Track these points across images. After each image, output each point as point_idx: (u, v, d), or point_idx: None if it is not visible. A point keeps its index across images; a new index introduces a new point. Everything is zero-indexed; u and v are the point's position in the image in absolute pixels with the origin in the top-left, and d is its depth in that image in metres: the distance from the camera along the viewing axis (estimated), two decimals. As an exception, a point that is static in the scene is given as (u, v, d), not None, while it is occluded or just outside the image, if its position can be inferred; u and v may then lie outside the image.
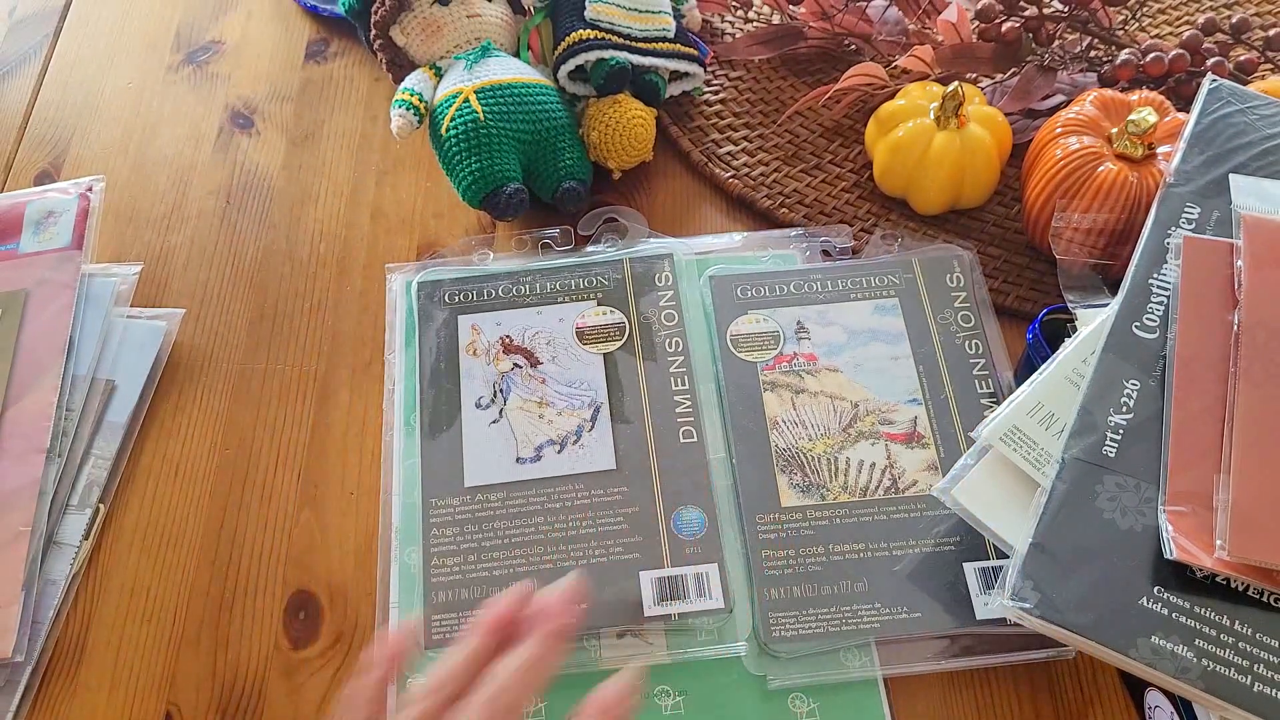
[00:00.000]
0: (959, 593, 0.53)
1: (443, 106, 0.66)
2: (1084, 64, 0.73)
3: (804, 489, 0.57)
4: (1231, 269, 0.51)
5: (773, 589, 0.54)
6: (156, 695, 0.54)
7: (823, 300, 0.63)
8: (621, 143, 0.69)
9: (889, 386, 0.60)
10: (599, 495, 0.56)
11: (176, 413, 0.64)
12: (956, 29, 0.72)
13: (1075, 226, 0.60)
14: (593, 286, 0.64)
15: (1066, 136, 0.62)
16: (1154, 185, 0.59)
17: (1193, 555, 0.44)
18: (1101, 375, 0.50)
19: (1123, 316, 0.51)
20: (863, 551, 0.55)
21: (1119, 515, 0.47)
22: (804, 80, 0.78)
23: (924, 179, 0.66)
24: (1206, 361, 0.49)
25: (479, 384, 0.61)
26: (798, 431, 0.58)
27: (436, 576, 0.54)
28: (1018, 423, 0.51)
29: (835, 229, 0.68)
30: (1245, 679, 0.43)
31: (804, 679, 0.52)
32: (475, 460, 0.58)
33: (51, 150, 0.77)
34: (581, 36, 0.68)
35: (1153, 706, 0.50)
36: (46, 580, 0.57)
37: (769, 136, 0.74)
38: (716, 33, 0.81)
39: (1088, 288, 0.58)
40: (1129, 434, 0.48)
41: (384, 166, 0.75)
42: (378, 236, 0.71)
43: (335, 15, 0.82)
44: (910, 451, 0.58)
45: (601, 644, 0.53)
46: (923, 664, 0.52)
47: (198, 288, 0.69)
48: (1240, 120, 0.57)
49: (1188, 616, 0.44)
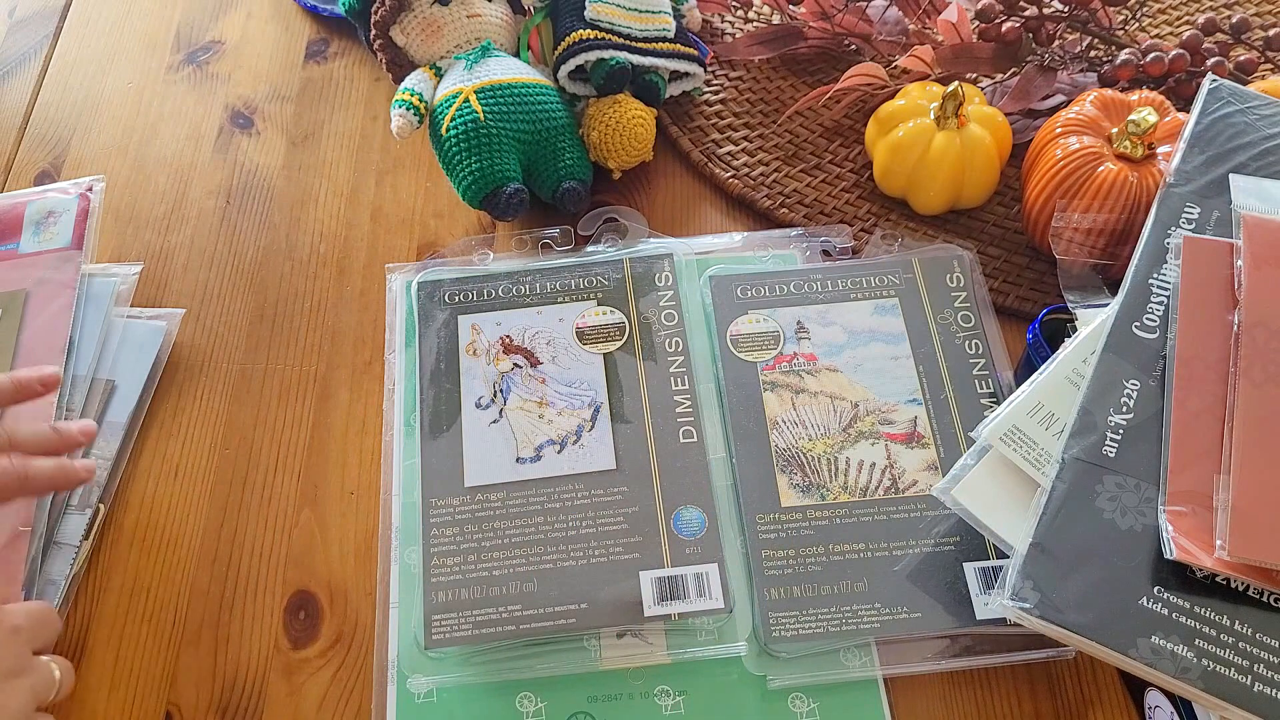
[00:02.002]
0: (959, 593, 0.53)
1: (443, 106, 0.66)
2: (1084, 64, 0.73)
3: (804, 489, 0.57)
4: (1231, 269, 0.51)
5: (773, 589, 0.54)
6: (156, 695, 0.54)
7: (823, 300, 0.63)
8: (621, 143, 0.69)
9: (889, 386, 0.60)
10: (599, 495, 0.56)
11: (176, 413, 0.64)
12: (956, 29, 0.72)
13: (1075, 226, 0.60)
14: (593, 286, 0.64)
15: (1066, 136, 0.62)
16: (1154, 185, 0.59)
17: (1193, 555, 0.44)
18: (1101, 375, 0.50)
19: (1123, 316, 0.51)
20: (863, 551, 0.55)
21: (1119, 515, 0.47)
22: (804, 80, 0.78)
23: (924, 179, 0.66)
24: (1206, 361, 0.49)
25: (479, 384, 0.61)
26: (798, 431, 0.58)
27: (436, 576, 0.54)
28: (1018, 423, 0.51)
29: (835, 229, 0.68)
30: (1245, 679, 0.43)
31: (804, 679, 0.52)
32: (475, 460, 0.58)
33: (51, 150, 0.77)
34: (581, 36, 0.68)
35: (1153, 706, 0.50)
36: (46, 580, 0.56)
37: (769, 136, 0.74)
38: (716, 33, 0.81)
39: (1088, 288, 0.58)
40: (1129, 434, 0.48)
41: (384, 166, 0.75)
42: (378, 236, 0.71)
43: (335, 15, 0.82)
44: (910, 451, 0.58)
45: (601, 644, 0.53)
46: (923, 664, 0.52)
47: (198, 288, 0.69)
48: (1240, 120, 0.57)
49: (1188, 616, 0.44)
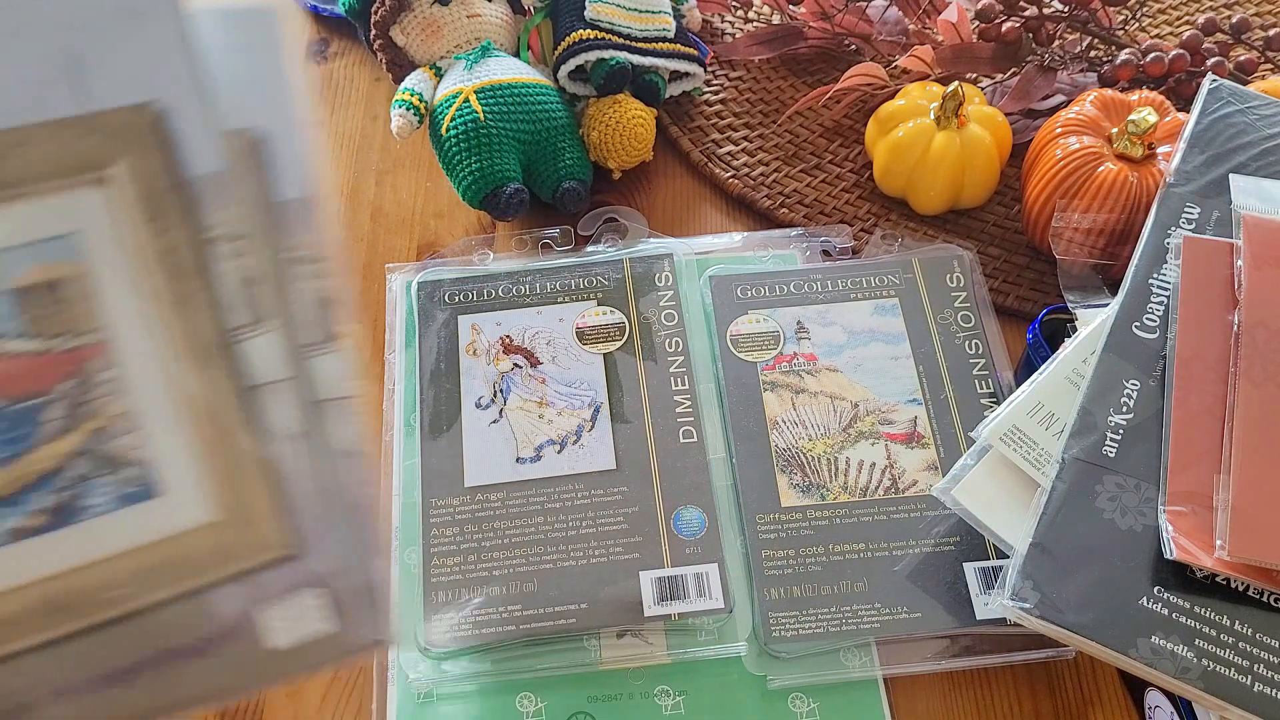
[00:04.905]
0: (959, 593, 0.53)
1: (443, 106, 0.66)
2: (1084, 64, 0.73)
3: (804, 489, 0.57)
4: (1231, 269, 0.51)
5: (773, 589, 0.54)
6: (156, 695, 0.54)
7: (823, 300, 0.63)
8: (621, 143, 0.69)
9: (889, 386, 0.60)
10: (599, 495, 0.56)
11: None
12: (956, 29, 0.72)
13: (1075, 226, 0.60)
14: (593, 286, 0.64)
15: (1066, 136, 0.62)
16: (1154, 185, 0.59)
17: (1193, 555, 0.44)
18: (1101, 375, 0.50)
19: (1123, 316, 0.51)
20: (863, 551, 0.55)
21: (1119, 515, 0.47)
22: (804, 80, 0.78)
23: (924, 179, 0.66)
24: (1206, 361, 0.49)
25: (479, 384, 0.61)
26: (798, 431, 0.58)
27: (436, 576, 0.54)
28: (1018, 423, 0.51)
29: (835, 229, 0.68)
30: (1245, 679, 0.43)
31: (804, 679, 0.52)
32: (475, 460, 0.58)
33: (51, 150, 0.77)
34: (581, 36, 0.68)
35: (1153, 706, 0.50)
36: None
37: (769, 136, 0.74)
38: (716, 33, 0.81)
39: (1088, 288, 0.58)
40: (1129, 434, 0.48)
41: (384, 166, 0.75)
42: (378, 236, 0.71)
43: (335, 15, 0.82)
44: (910, 451, 0.58)
45: (601, 644, 0.53)
46: (923, 664, 0.52)
47: (198, 288, 0.69)
48: (1240, 120, 0.57)
49: (1188, 616, 0.44)
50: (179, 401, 0.37)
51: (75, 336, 0.36)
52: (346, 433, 0.39)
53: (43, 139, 0.34)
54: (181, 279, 0.36)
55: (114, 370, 0.36)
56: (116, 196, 0.35)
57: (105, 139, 0.35)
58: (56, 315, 0.35)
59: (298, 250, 0.38)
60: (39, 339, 0.35)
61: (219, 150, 0.36)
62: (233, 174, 0.36)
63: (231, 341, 0.37)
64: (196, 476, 0.37)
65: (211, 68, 0.36)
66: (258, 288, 0.37)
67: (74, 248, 0.35)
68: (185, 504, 0.38)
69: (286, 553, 0.39)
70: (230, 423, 0.37)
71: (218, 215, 0.36)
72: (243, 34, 0.37)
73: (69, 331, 0.36)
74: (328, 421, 0.39)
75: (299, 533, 0.39)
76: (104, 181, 0.35)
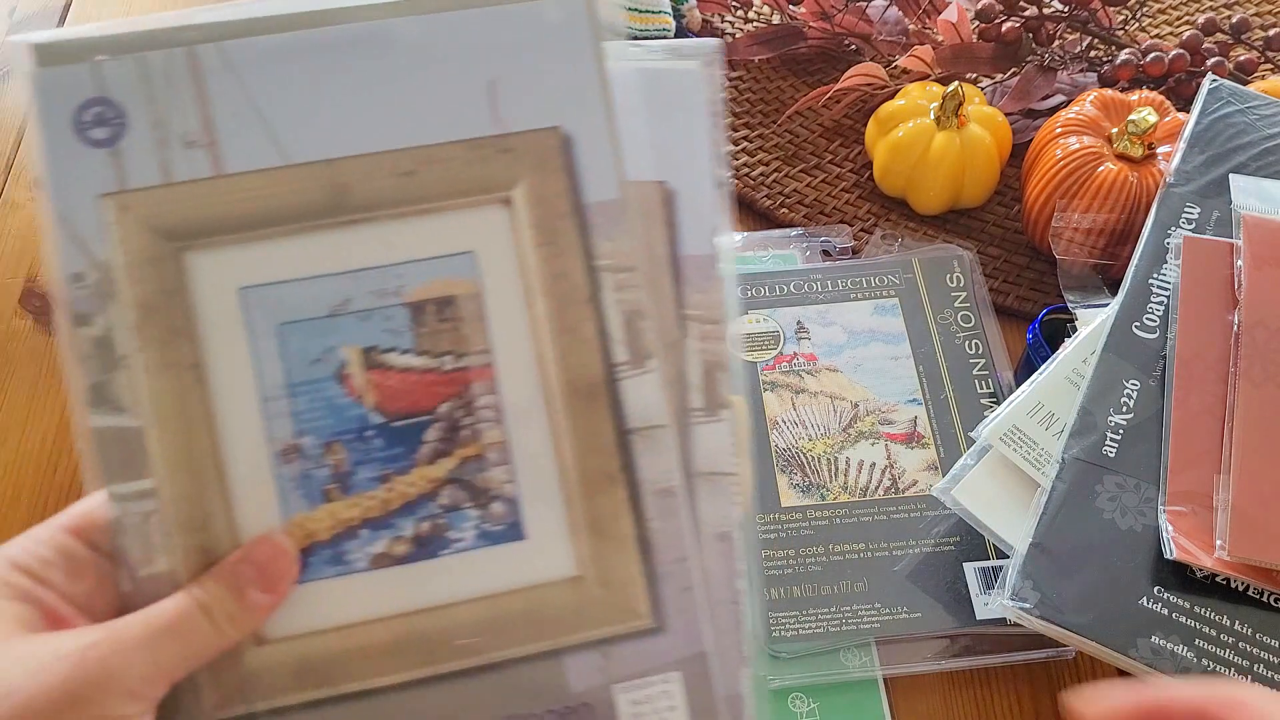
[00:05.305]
0: (959, 593, 0.53)
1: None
2: (1084, 64, 0.73)
3: (804, 489, 0.57)
4: (1231, 269, 0.51)
5: (773, 589, 0.54)
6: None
7: (823, 300, 0.63)
8: (621, 143, 0.69)
9: (889, 386, 0.60)
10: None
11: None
12: (956, 29, 0.72)
13: (1075, 226, 0.60)
14: (593, 286, 0.64)
15: (1066, 136, 0.62)
16: (1154, 185, 0.59)
17: (1193, 555, 0.44)
18: (1101, 375, 0.50)
19: (1123, 316, 0.51)
20: (863, 551, 0.54)
21: (1119, 515, 0.47)
22: (804, 80, 0.78)
23: (924, 179, 0.66)
24: (1206, 361, 0.49)
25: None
26: (798, 431, 0.58)
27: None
28: (1018, 423, 0.51)
29: (835, 229, 0.68)
30: (1245, 679, 0.43)
31: (804, 679, 0.52)
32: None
33: (51, 150, 0.77)
34: (581, 36, 0.68)
35: (1153, 706, 0.50)
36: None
37: (769, 136, 0.74)
38: (716, 33, 0.81)
39: (1088, 288, 0.58)
40: (1129, 434, 0.48)
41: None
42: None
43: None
44: (910, 451, 0.58)
45: (602, 644, 0.53)
46: (923, 664, 0.52)
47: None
48: (1240, 120, 0.57)
49: (1188, 616, 0.44)
50: (555, 435, 0.34)
51: (461, 357, 0.33)
52: (723, 513, 0.35)
53: (457, 156, 0.33)
54: (571, 306, 0.34)
55: (494, 396, 0.34)
56: (516, 217, 0.34)
57: (514, 159, 0.33)
58: (446, 332, 0.33)
59: (691, 307, 0.36)
60: (426, 355, 0.33)
61: (618, 181, 0.34)
62: (631, 213, 0.34)
63: (615, 378, 0.34)
64: (565, 522, 0.34)
65: (624, 107, 0.34)
66: (644, 322, 0.34)
67: (473, 265, 0.34)
68: (548, 551, 0.34)
69: (650, 624, 0.34)
70: (606, 467, 0.34)
71: (606, 245, 0.34)
72: (663, 90, 0.35)
73: (455, 351, 0.33)
74: (702, 496, 0.35)
75: (664, 605, 0.34)
76: (509, 202, 0.33)
